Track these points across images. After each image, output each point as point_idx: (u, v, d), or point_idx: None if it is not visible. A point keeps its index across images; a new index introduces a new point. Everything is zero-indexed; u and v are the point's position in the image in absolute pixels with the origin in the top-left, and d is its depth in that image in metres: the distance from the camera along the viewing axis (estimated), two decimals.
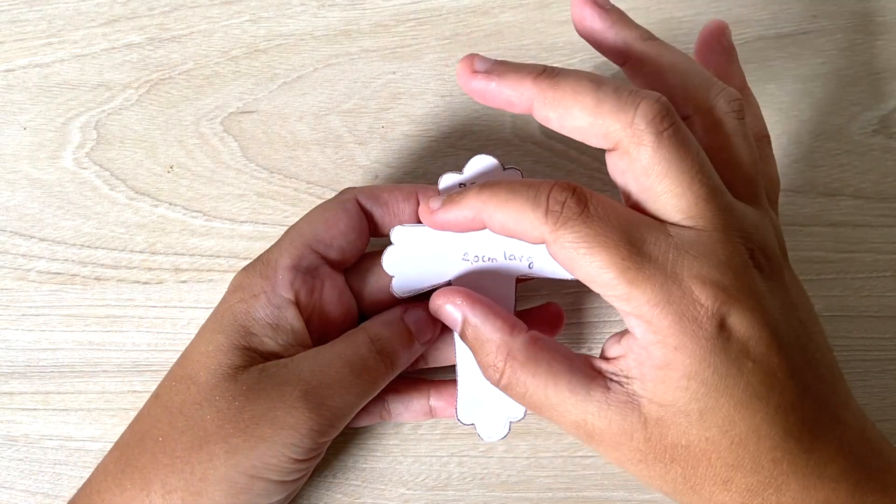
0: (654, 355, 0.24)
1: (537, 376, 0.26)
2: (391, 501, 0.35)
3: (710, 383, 0.24)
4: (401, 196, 0.30)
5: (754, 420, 0.24)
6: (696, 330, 0.24)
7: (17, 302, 0.36)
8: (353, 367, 0.28)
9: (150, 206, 0.36)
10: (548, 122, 0.26)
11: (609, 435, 0.25)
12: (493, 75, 0.26)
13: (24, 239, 0.36)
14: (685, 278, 0.24)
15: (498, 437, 0.30)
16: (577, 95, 0.25)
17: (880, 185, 0.35)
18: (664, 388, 0.24)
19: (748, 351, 0.24)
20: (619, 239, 0.24)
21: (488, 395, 0.30)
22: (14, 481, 0.35)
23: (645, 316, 0.24)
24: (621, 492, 0.34)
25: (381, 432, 0.35)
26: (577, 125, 0.25)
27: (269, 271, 0.29)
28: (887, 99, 0.36)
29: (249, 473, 0.27)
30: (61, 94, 0.37)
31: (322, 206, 0.30)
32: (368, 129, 0.36)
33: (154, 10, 0.37)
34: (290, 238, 0.29)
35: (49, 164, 0.37)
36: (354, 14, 0.37)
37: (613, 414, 0.25)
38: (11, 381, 0.36)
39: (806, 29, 0.36)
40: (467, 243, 0.30)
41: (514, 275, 0.30)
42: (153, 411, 0.28)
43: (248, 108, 0.37)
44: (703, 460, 0.25)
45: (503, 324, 0.27)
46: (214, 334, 0.28)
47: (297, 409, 0.27)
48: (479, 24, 0.37)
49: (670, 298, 0.24)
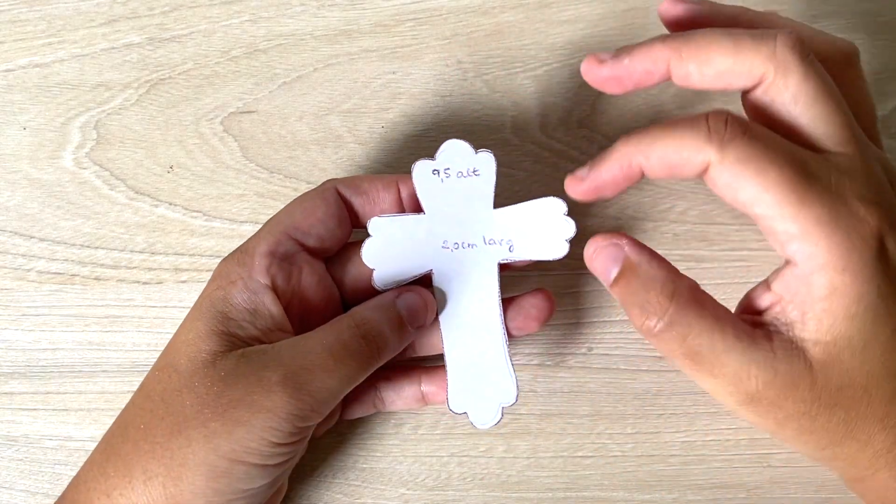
0: (816, 285, 0.24)
1: (704, 318, 0.25)
2: (391, 501, 0.35)
3: (873, 308, 0.24)
4: (381, 185, 0.30)
5: None
6: (863, 249, 0.24)
7: (17, 302, 0.36)
8: (334, 352, 0.28)
9: (150, 206, 0.36)
10: (688, 77, 0.26)
11: (773, 388, 0.25)
12: (622, 54, 0.27)
13: (24, 239, 0.36)
14: (849, 198, 0.24)
15: (491, 423, 0.30)
16: (714, 42, 0.25)
17: None
18: (829, 322, 0.24)
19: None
20: (785, 158, 0.24)
21: (479, 382, 0.30)
22: (14, 481, 0.35)
23: (813, 236, 0.24)
24: (621, 492, 0.34)
25: (381, 432, 0.35)
26: (720, 69, 0.26)
27: (246, 258, 0.29)
28: (887, 99, 0.36)
29: (229, 457, 0.27)
30: (61, 94, 0.37)
31: (301, 196, 0.30)
32: (368, 129, 0.36)
33: (154, 10, 0.37)
34: (268, 227, 0.30)
35: (49, 164, 0.37)
36: (354, 14, 0.37)
37: (779, 363, 0.25)
38: (11, 381, 0.36)
39: None
40: (446, 231, 0.30)
41: (496, 259, 0.30)
42: (136, 400, 0.28)
43: (248, 108, 0.37)
44: (863, 398, 0.25)
45: (668, 265, 0.27)
46: (194, 322, 0.28)
47: (276, 394, 0.27)
48: (479, 24, 0.37)
49: (838, 217, 0.24)
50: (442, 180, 0.29)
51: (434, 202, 0.30)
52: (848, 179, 0.25)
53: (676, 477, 0.34)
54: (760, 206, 0.25)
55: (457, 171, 0.29)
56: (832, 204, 0.24)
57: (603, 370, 0.35)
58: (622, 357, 0.35)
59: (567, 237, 0.29)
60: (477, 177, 0.29)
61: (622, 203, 0.35)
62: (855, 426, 0.26)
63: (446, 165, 0.29)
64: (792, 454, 0.34)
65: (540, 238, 0.30)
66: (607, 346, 0.35)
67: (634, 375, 0.35)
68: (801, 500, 0.34)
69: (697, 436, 0.34)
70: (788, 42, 0.25)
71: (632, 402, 0.34)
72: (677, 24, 0.29)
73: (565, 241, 0.29)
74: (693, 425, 0.34)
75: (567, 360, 0.35)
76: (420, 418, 0.35)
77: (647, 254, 0.27)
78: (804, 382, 0.25)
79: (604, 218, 0.35)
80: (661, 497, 0.34)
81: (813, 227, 0.24)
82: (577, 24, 0.37)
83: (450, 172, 0.29)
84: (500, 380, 0.30)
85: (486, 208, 0.30)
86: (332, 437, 0.35)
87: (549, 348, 0.35)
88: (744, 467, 0.34)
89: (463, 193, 0.29)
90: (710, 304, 0.26)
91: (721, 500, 0.34)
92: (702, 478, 0.34)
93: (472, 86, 0.36)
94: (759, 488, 0.34)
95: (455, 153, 0.29)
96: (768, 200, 0.24)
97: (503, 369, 0.30)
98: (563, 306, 0.35)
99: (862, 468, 0.27)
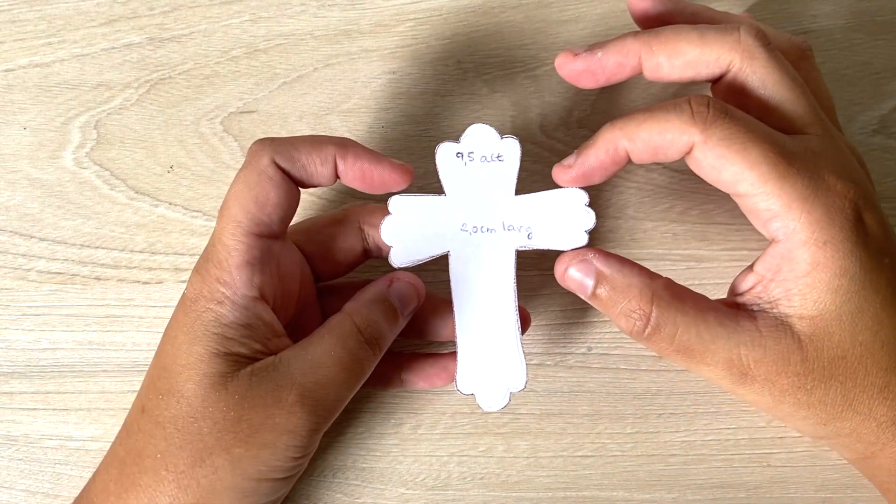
0: (799, 260, 0.25)
1: (686, 314, 0.26)
2: (391, 501, 0.35)
3: (858, 279, 0.25)
4: (318, 160, 0.28)
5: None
6: (843, 222, 0.25)
7: (17, 302, 0.36)
8: (345, 364, 0.28)
9: (150, 206, 0.36)
10: (658, 69, 0.28)
11: (765, 365, 0.26)
12: (595, 48, 0.28)
13: (24, 239, 0.36)
14: (826, 175, 0.25)
15: (498, 406, 0.30)
16: (682, 35, 0.27)
17: (880, 185, 0.35)
18: (813, 296, 0.25)
19: (884, 247, 0.26)
20: (765, 137, 0.25)
21: (489, 365, 0.30)
22: (14, 481, 0.35)
23: (794, 211, 0.25)
24: (621, 492, 0.34)
25: (381, 432, 0.35)
26: (688, 59, 0.27)
27: (224, 275, 0.27)
28: (887, 99, 0.36)
29: (255, 478, 0.27)
30: (61, 93, 0.37)
31: (245, 181, 0.28)
32: (368, 129, 0.36)
33: (154, 10, 0.37)
34: (229, 230, 0.28)
35: (49, 163, 0.37)
36: (354, 14, 0.37)
37: (767, 340, 0.26)
38: (11, 381, 0.36)
39: (806, 29, 0.36)
40: (466, 214, 0.30)
41: (514, 246, 0.30)
42: (144, 427, 0.28)
43: (248, 108, 0.37)
44: (860, 369, 0.26)
45: (640, 269, 0.28)
46: (192, 346, 0.27)
47: (296, 414, 0.27)
48: (479, 24, 0.37)
49: (818, 191, 0.25)
50: (465, 164, 0.29)
51: (456, 185, 0.29)
52: (822, 158, 0.26)
53: (676, 477, 0.34)
54: (743, 184, 0.25)
55: (480, 156, 0.29)
56: (811, 180, 0.25)
57: (603, 370, 0.35)
58: (622, 357, 0.35)
59: (587, 228, 0.29)
60: (500, 162, 0.29)
61: (622, 203, 0.35)
62: (854, 398, 0.26)
63: (470, 149, 0.29)
64: (792, 454, 0.34)
65: (559, 227, 0.30)
66: (607, 346, 0.35)
67: (634, 375, 0.35)
68: (801, 500, 0.34)
69: (697, 436, 0.34)
70: (751, 31, 0.27)
71: (631, 401, 0.34)
72: (645, 18, 0.30)
73: (584, 231, 0.29)
74: (693, 425, 0.34)
75: (567, 360, 0.35)
76: (420, 418, 0.35)
77: (617, 262, 0.28)
78: (794, 357, 0.26)
79: (604, 217, 0.35)
80: (661, 497, 0.34)
81: (794, 203, 0.25)
82: (577, 24, 0.37)
83: (473, 156, 0.29)
84: (511, 364, 0.30)
85: (508, 194, 0.30)
86: (332, 436, 0.35)
87: (549, 348, 0.35)
88: (744, 467, 0.34)
89: (485, 178, 0.29)
90: (689, 297, 0.27)
91: (721, 500, 0.34)
92: (702, 478, 0.34)
93: (472, 86, 0.36)
94: (759, 488, 0.34)
95: (480, 137, 0.29)
96: (751, 178, 0.25)
97: (514, 354, 0.30)
98: (563, 306, 0.35)
99: (868, 443, 0.27)
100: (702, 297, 0.27)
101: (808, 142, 0.26)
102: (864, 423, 0.26)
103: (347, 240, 0.31)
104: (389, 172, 0.29)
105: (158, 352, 0.29)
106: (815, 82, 0.30)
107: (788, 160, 0.25)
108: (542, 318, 0.35)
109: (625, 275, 0.27)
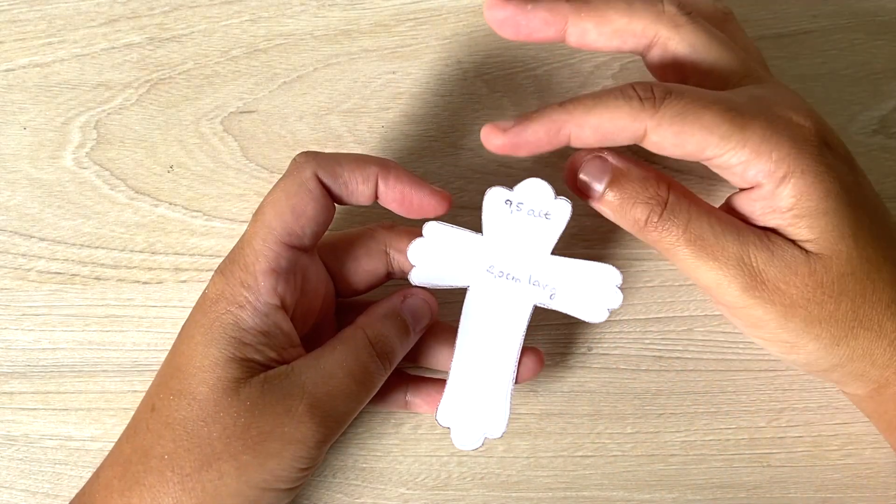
0: (783, 195, 0.26)
1: (700, 205, 0.27)
2: (391, 501, 0.35)
3: (843, 198, 0.26)
4: (360, 178, 0.29)
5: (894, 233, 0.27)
6: (812, 149, 0.26)
7: (17, 302, 0.36)
8: (356, 376, 0.28)
9: (150, 206, 0.36)
10: (584, 34, 0.28)
11: (774, 266, 0.26)
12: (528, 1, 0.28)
13: (24, 239, 0.36)
14: (779, 111, 0.26)
15: (470, 447, 0.31)
16: (610, 4, 0.28)
17: (880, 185, 0.35)
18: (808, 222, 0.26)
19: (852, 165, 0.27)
20: (712, 99, 0.26)
21: (473, 407, 0.30)
22: (14, 481, 0.35)
23: (764, 154, 0.25)
24: (621, 492, 0.34)
25: (382, 432, 0.35)
26: (616, 27, 0.28)
27: (249, 279, 0.28)
28: (887, 99, 0.36)
29: (260, 487, 0.27)
30: (61, 93, 0.37)
31: (284, 190, 0.28)
32: (368, 129, 0.36)
33: (154, 10, 0.37)
34: (261, 236, 0.28)
35: (49, 163, 0.37)
36: (354, 14, 0.37)
37: (775, 247, 0.26)
38: (11, 381, 0.36)
39: (806, 29, 0.36)
40: (496, 258, 0.30)
41: (533, 301, 0.30)
42: (153, 426, 0.28)
43: (248, 108, 0.37)
44: (868, 284, 0.26)
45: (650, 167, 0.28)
46: (208, 348, 0.27)
47: (305, 424, 0.27)
48: (479, 24, 0.37)
49: (778, 128, 0.26)
50: (511, 212, 0.29)
51: (496, 229, 0.29)
52: (769, 100, 0.26)
53: (676, 477, 0.34)
54: (710, 148, 0.26)
55: (528, 209, 0.29)
56: (768, 121, 0.26)
57: (603, 370, 0.35)
58: (622, 357, 0.35)
59: (611, 307, 0.29)
60: (547, 220, 0.29)
61: None
62: (864, 314, 0.27)
63: (520, 200, 0.29)
64: (792, 454, 0.34)
65: (585, 298, 0.30)
66: (607, 345, 0.35)
67: (634, 375, 0.35)
68: (801, 500, 0.34)
69: (697, 436, 0.34)
70: (674, 2, 0.28)
71: (631, 401, 0.35)
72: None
73: (607, 309, 0.30)
74: (693, 425, 0.34)
75: (567, 360, 0.35)
76: (420, 418, 0.35)
77: (631, 160, 0.28)
78: (802, 268, 0.26)
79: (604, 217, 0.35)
80: (661, 497, 0.34)
81: (761, 146, 0.25)
82: None
83: (522, 207, 0.29)
84: (494, 413, 0.30)
85: (544, 251, 0.29)
86: None
87: (549, 348, 0.35)
88: (744, 467, 0.34)
89: (527, 231, 0.29)
90: (701, 200, 0.28)
91: (721, 500, 0.34)
92: (702, 478, 0.34)
93: (472, 86, 0.36)
94: (759, 488, 0.34)
95: (534, 192, 0.29)
96: (714, 141, 0.26)
97: (501, 405, 0.30)
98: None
99: (880, 365, 0.27)
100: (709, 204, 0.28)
101: (752, 91, 0.27)
102: (876, 342, 0.27)
103: (372, 261, 0.31)
104: (429, 198, 0.29)
105: (173, 350, 0.29)
106: (742, 41, 0.30)
107: (740, 111, 0.26)
108: (543, 317, 0.35)
109: (641, 168, 0.28)
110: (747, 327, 0.29)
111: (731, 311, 0.28)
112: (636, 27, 0.28)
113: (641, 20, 0.28)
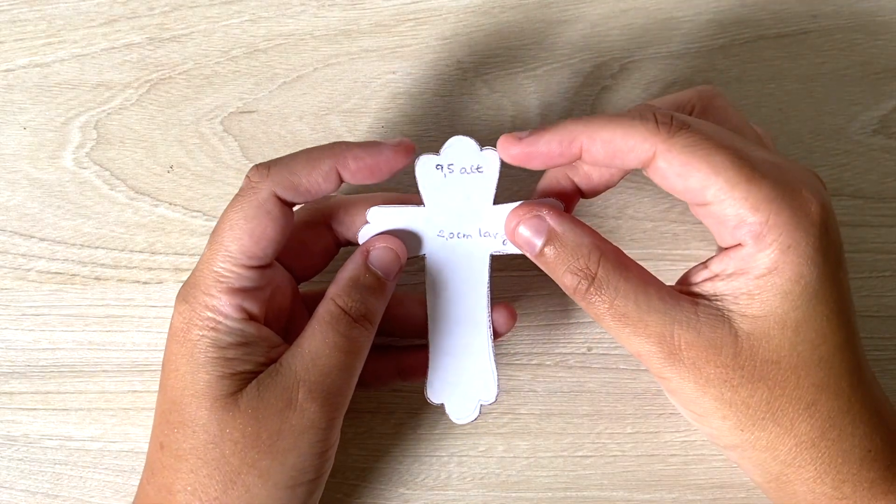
0: (758, 263, 0.25)
1: (629, 281, 0.26)
2: (391, 501, 0.35)
3: (811, 288, 0.25)
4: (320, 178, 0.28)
5: (839, 337, 0.25)
6: (809, 227, 0.25)
7: (17, 302, 0.36)
8: (342, 347, 0.28)
9: (150, 206, 0.36)
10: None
11: (696, 348, 0.26)
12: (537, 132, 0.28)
13: (24, 239, 0.36)
14: (791, 180, 0.25)
15: (468, 419, 0.30)
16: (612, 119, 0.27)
17: (880, 185, 0.35)
18: (763, 297, 0.25)
19: (841, 260, 0.26)
20: (729, 142, 0.25)
21: (459, 374, 0.30)
22: (14, 481, 0.35)
23: (762, 212, 0.25)
24: (621, 492, 0.34)
25: (382, 432, 0.35)
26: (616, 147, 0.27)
27: (212, 301, 0.27)
28: (887, 99, 0.36)
29: (288, 485, 0.27)
30: (61, 93, 0.37)
31: (242, 213, 0.28)
32: (368, 129, 0.36)
33: (154, 10, 0.37)
34: (220, 258, 0.27)
35: (49, 164, 0.37)
36: (354, 14, 0.37)
37: (703, 325, 0.26)
38: (11, 381, 0.36)
39: (806, 29, 0.36)
40: (443, 222, 0.30)
41: (488, 251, 0.30)
42: (167, 463, 0.28)
43: (248, 108, 0.37)
44: (791, 379, 0.25)
45: (591, 231, 0.28)
46: (196, 374, 0.27)
47: (309, 410, 0.27)
48: (479, 24, 0.37)
49: (784, 194, 0.25)
50: (445, 175, 0.29)
51: (435, 196, 0.30)
52: (785, 166, 0.26)
53: (676, 477, 0.34)
54: (711, 190, 0.25)
55: (460, 168, 0.29)
56: (777, 184, 0.25)
57: (603, 370, 0.35)
58: (622, 357, 0.35)
59: None
60: (480, 174, 0.29)
61: (622, 203, 0.35)
62: (778, 408, 0.26)
63: (450, 161, 0.29)
64: None
65: None
66: (607, 346, 0.35)
67: (634, 375, 0.35)
68: None
69: (697, 436, 0.34)
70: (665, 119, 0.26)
71: (631, 401, 0.34)
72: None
73: None
74: (693, 425, 0.34)
75: (567, 360, 0.35)
76: (420, 418, 0.35)
77: (570, 222, 0.28)
78: (727, 349, 0.25)
79: (604, 217, 0.35)
80: (661, 497, 0.34)
81: (762, 204, 0.25)
82: (577, 24, 0.37)
83: (453, 168, 0.29)
84: (482, 375, 0.30)
85: (486, 204, 0.30)
86: None
87: (549, 348, 0.35)
88: None
89: (464, 189, 0.29)
90: (635, 268, 0.27)
91: (721, 500, 0.34)
92: (702, 478, 0.34)
93: (472, 86, 0.36)
94: (758, 488, 0.34)
95: (460, 150, 0.29)
96: (718, 183, 0.25)
97: (485, 364, 0.30)
98: (562, 306, 0.35)
99: (781, 462, 0.26)
100: (648, 272, 0.27)
101: (771, 155, 0.26)
102: (782, 438, 0.26)
103: (320, 241, 0.31)
104: (392, 157, 0.28)
105: (162, 386, 0.28)
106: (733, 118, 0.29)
107: (753, 165, 0.25)
108: (543, 318, 0.35)
109: (577, 234, 0.27)
110: (665, 390, 0.28)
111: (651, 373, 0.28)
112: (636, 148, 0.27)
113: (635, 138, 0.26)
